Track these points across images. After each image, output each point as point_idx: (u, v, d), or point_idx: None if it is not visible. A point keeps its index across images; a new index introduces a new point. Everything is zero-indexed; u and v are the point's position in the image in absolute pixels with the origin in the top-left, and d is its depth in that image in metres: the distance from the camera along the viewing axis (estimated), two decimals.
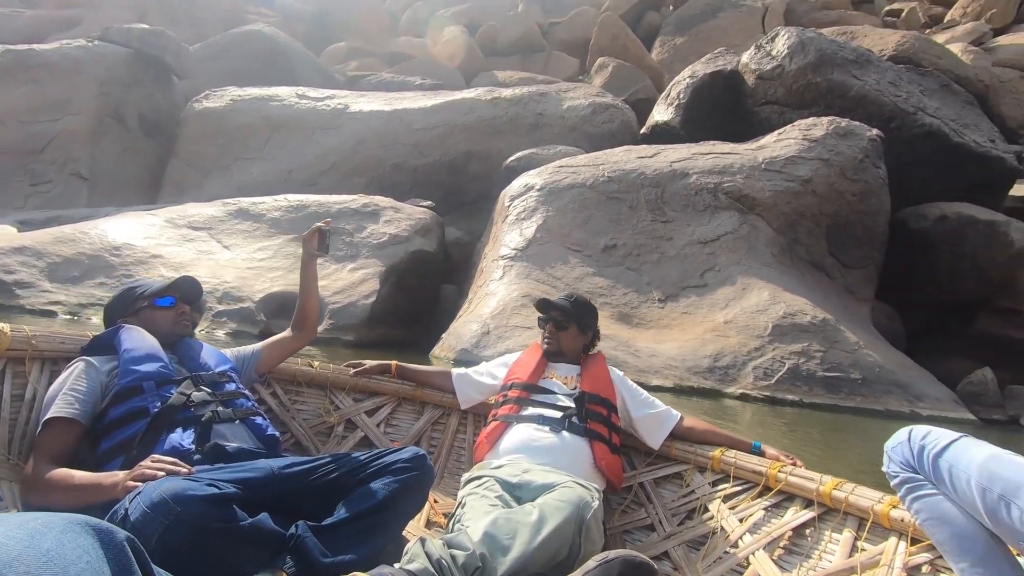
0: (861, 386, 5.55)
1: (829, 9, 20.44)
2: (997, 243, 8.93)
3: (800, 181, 7.68)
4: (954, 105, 10.28)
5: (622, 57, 17.18)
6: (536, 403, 1.82)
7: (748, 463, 1.68)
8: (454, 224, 10.63)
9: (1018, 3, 17.89)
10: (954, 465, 1.07)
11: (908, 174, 9.68)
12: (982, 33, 15.59)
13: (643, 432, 1.90)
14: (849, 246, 8.04)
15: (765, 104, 10.42)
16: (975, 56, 13.66)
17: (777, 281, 6.74)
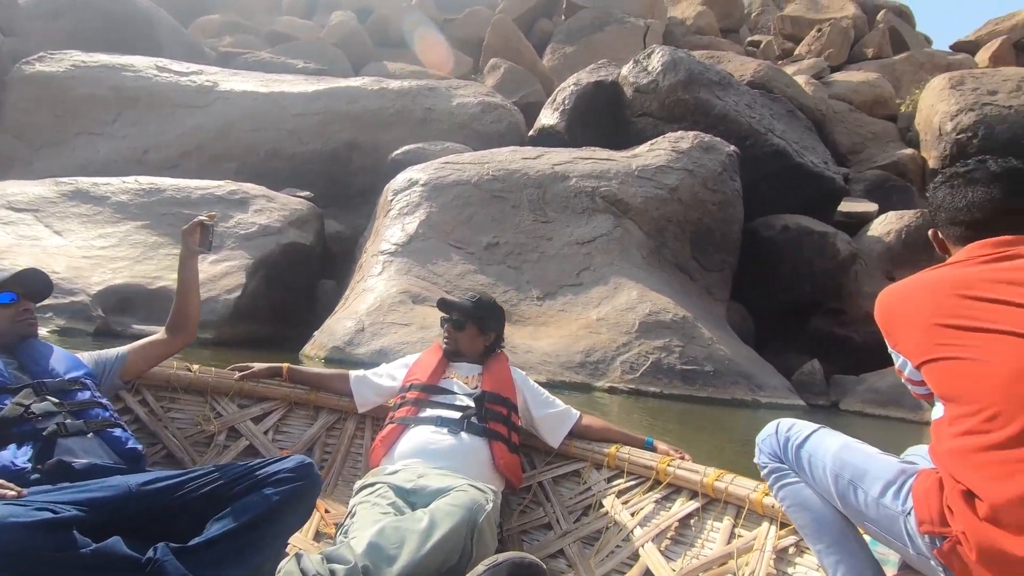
0: (713, 378, 6.09)
1: (702, 34, 22.24)
2: (827, 252, 10.27)
3: (668, 189, 8.26)
4: (797, 129, 11.67)
5: (514, 60, 17.47)
6: (435, 404, 1.79)
7: (640, 459, 1.73)
8: (335, 217, 10.15)
9: (850, 45, 20.75)
10: (813, 455, 1.14)
11: (759, 188, 10.82)
12: (821, 68, 17.86)
13: (543, 431, 1.91)
14: (709, 251, 8.81)
15: (642, 116, 11.12)
16: (815, 88, 15.60)
17: (645, 281, 7.19)
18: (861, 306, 11.04)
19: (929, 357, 1.00)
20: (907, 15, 24.43)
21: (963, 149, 13.28)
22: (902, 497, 0.98)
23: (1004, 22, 24.19)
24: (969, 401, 0.93)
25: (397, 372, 2.02)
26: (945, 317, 1.00)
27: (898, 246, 11.02)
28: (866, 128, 15.86)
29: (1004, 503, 0.84)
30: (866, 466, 1.06)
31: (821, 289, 10.66)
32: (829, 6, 23.54)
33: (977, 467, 0.89)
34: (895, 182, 13.76)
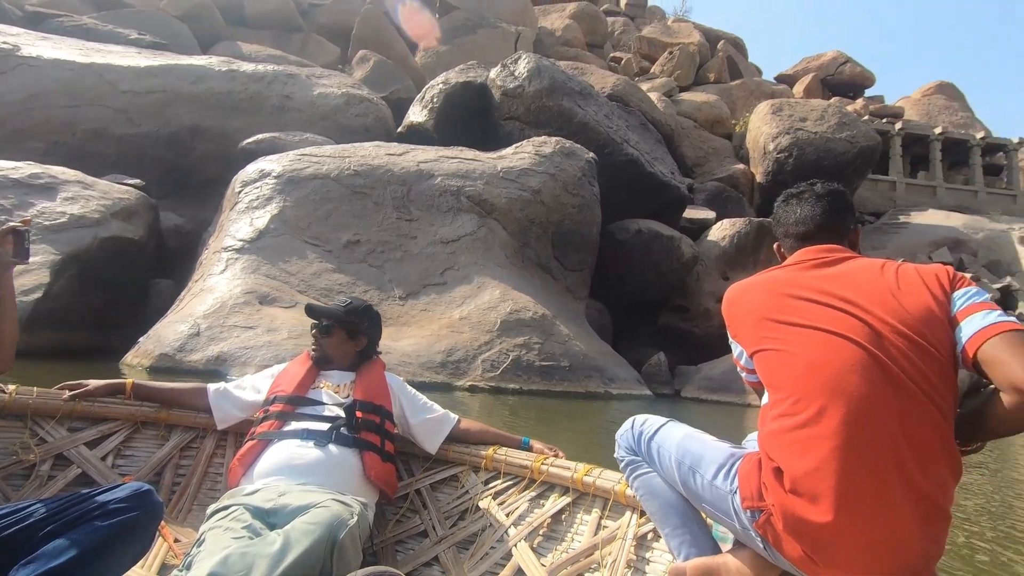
0: (569, 372, 6.37)
1: (569, 46, 23.34)
2: (674, 254, 11.29)
3: (531, 191, 8.52)
4: (649, 141, 12.69)
5: (385, 54, 16.97)
6: (301, 416, 1.66)
7: (516, 459, 1.72)
8: (174, 209, 9.09)
9: (696, 69, 23.06)
10: (661, 446, 1.20)
11: (616, 193, 11.59)
12: (671, 88, 19.63)
13: (421, 438, 1.83)
14: (570, 251, 9.23)
15: (509, 119, 11.37)
16: (666, 105, 17.11)
17: (508, 280, 7.33)
18: (701, 303, 12.33)
19: (758, 348, 1.09)
20: (741, 46, 27.78)
21: (781, 166, 15.40)
22: (730, 478, 1.06)
23: (814, 61, 28.51)
24: (782, 388, 1.02)
25: (262, 384, 1.86)
26: (772, 312, 1.09)
27: (731, 249, 12.47)
28: (707, 144, 17.75)
29: (801, 475, 0.93)
30: (702, 452, 1.13)
31: (668, 287, 11.70)
32: (679, 32, 26.01)
33: (784, 446, 0.97)
34: (730, 193, 15.56)
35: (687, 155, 17.11)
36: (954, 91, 25.14)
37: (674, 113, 17.34)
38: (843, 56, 27.61)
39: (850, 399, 0.93)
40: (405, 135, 11.38)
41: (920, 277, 1.03)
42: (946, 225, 15.18)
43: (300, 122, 10.23)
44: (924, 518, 0.90)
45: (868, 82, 26.91)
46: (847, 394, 0.93)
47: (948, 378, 0.96)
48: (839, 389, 0.94)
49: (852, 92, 25.90)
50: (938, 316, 0.97)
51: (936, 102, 23.94)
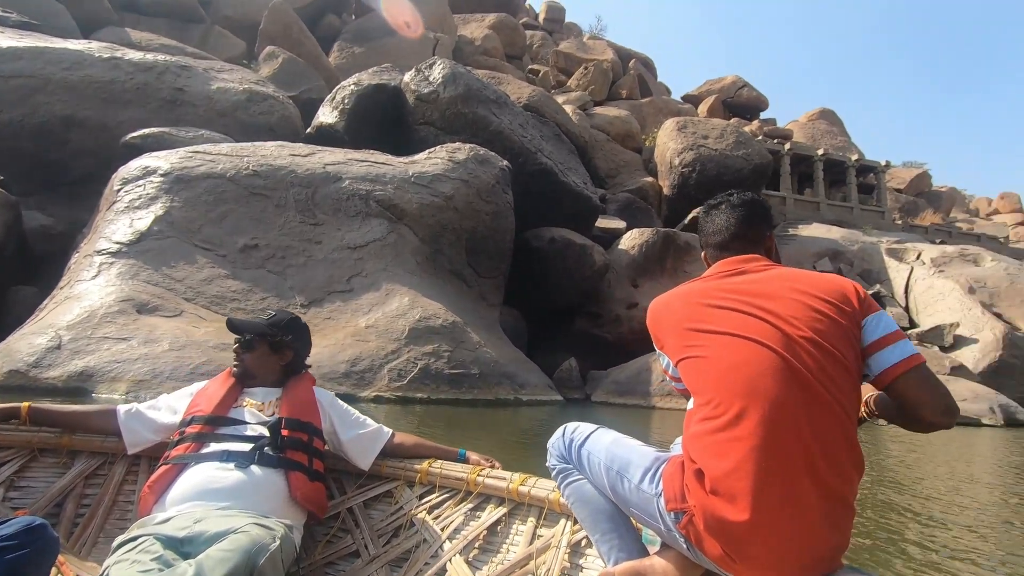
0: (479, 380, 6.31)
1: (488, 56, 23.53)
2: (586, 262, 11.59)
3: (444, 197, 8.42)
4: (562, 151, 12.99)
5: (296, 52, 16.27)
6: (221, 437, 1.57)
7: (452, 471, 1.68)
8: (42, 208, 8.13)
9: (609, 85, 24.01)
10: (591, 452, 1.21)
11: (530, 202, 11.75)
12: (586, 101, 20.29)
13: (353, 454, 1.74)
14: (483, 258, 9.21)
15: (423, 124, 11.22)
16: (580, 118, 17.64)
17: (418, 287, 7.17)
18: (612, 309, 12.75)
19: (681, 356, 1.11)
20: (651, 66, 29.31)
21: (686, 180, 16.34)
22: (655, 481, 1.08)
23: (716, 84, 30.62)
24: (703, 392, 1.04)
25: (179, 403, 1.74)
26: (692, 322, 1.11)
27: (640, 258, 13.01)
28: (619, 157, 18.48)
29: (720, 476, 0.96)
30: (629, 457, 1.15)
31: (582, 294, 11.99)
32: (594, 48, 27.02)
33: (705, 448, 1.00)
34: (639, 204, 16.27)
35: (600, 167, 17.70)
36: (834, 117, 27.89)
37: (588, 126, 17.92)
38: (741, 80, 29.84)
39: (765, 401, 0.97)
40: (314, 136, 10.91)
41: (831, 287, 1.08)
42: (827, 237, 16.71)
43: (195, 118, 9.52)
44: (832, 512, 0.95)
45: (763, 105, 29.24)
46: (762, 396, 0.97)
47: (853, 383, 1.03)
48: (755, 392, 0.98)
49: (749, 114, 28.04)
50: (846, 328, 1.03)
51: (819, 126, 26.42)
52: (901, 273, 14.64)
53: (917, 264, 14.43)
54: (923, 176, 29.67)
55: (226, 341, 5.35)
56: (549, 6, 32.61)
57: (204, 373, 4.78)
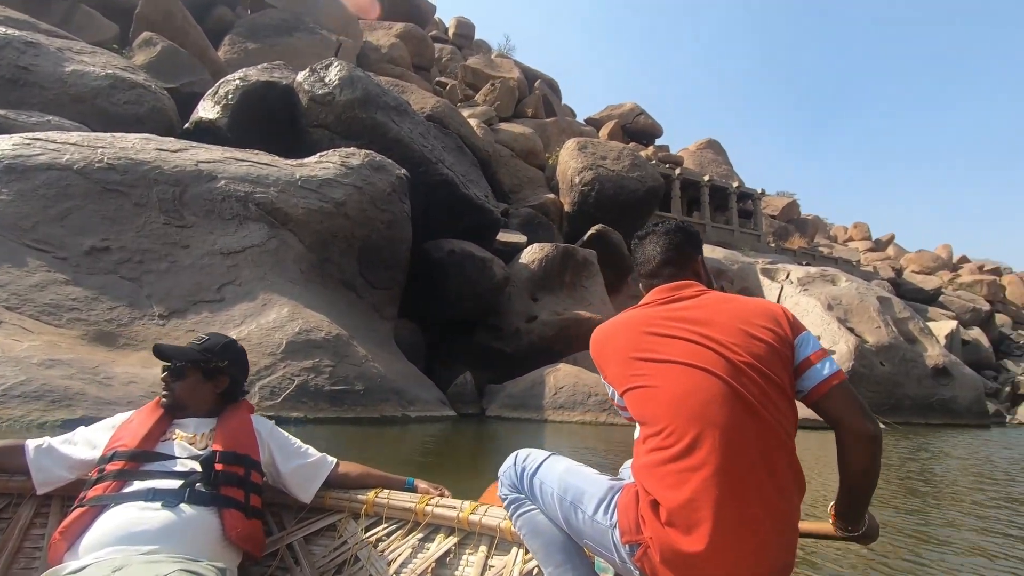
0: (363, 397, 5.94)
1: (395, 64, 23.12)
2: (487, 274, 11.52)
3: (334, 203, 7.98)
4: (464, 163, 12.92)
5: (179, 41, 14.93)
6: (146, 474, 1.42)
7: (399, 501, 1.61)
8: None
9: (515, 103, 24.45)
10: (544, 481, 1.19)
11: (431, 212, 11.54)
12: (491, 117, 20.48)
13: (293, 487, 1.62)
14: (377, 268, 8.83)
15: (318, 127, 10.67)
16: (485, 132, 17.74)
17: (301, 298, 6.69)
18: (512, 322, 12.78)
19: (627, 386, 1.10)
20: (556, 88, 30.33)
21: (585, 198, 16.92)
22: (610, 512, 1.07)
23: (616, 109, 32.29)
24: (652, 422, 1.03)
25: (99, 437, 1.56)
26: (635, 351, 1.11)
27: (540, 272, 13.19)
28: (523, 173, 18.79)
29: (676, 507, 0.96)
30: (583, 487, 1.13)
31: (482, 307, 11.90)
32: (502, 66, 27.47)
33: (659, 478, 0.99)
34: (541, 220, 16.58)
35: (504, 181, 17.87)
36: (719, 147, 30.34)
37: (493, 141, 18.06)
38: (639, 108, 31.68)
39: (716, 429, 0.98)
40: (192, 132, 9.98)
41: (764, 313, 1.12)
42: (712, 257, 18.00)
43: (44, 102, 8.37)
44: (781, 534, 0.98)
45: (657, 132, 31.21)
46: (713, 424, 0.98)
47: (790, 405, 1.06)
48: (706, 420, 0.98)
49: (645, 140, 29.80)
50: (780, 351, 1.07)
51: (706, 155, 28.61)
52: (773, 291, 16.04)
53: (786, 283, 15.89)
54: (793, 204, 33.04)
55: (56, 357, 4.62)
56: (459, 22, 32.83)
57: (20, 395, 4.05)
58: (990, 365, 19.20)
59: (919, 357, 13.47)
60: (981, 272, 30.37)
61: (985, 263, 32.95)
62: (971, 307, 22.84)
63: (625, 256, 16.41)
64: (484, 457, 5.04)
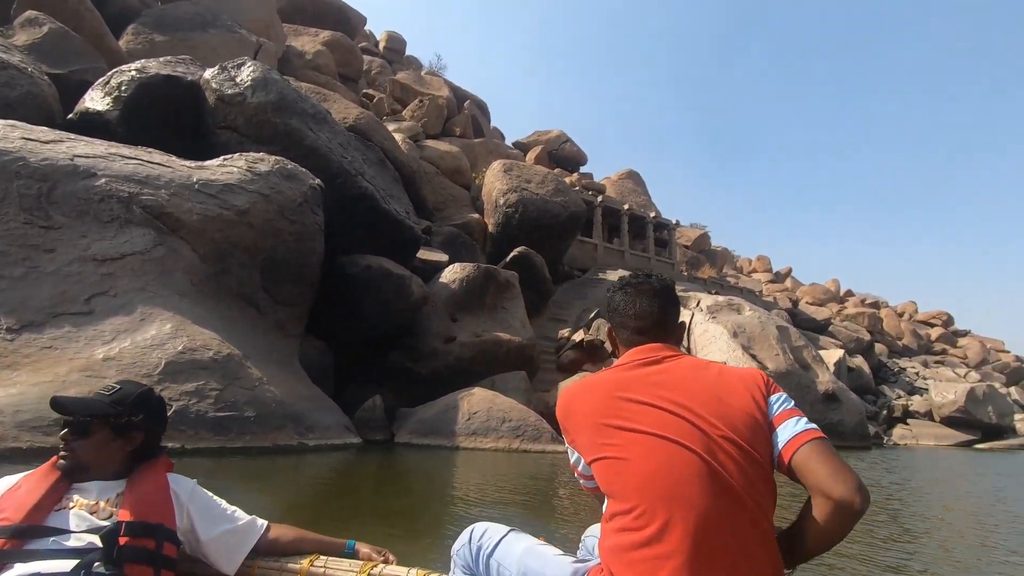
0: (253, 424, 5.40)
1: (320, 72, 22.36)
2: (404, 293, 11.13)
3: (236, 211, 7.37)
4: (386, 178, 12.53)
5: (72, 24, 13.55)
6: (31, 555, 1.18)
7: (338, 570, 1.46)
8: None
9: (444, 121, 24.33)
10: (501, 563, 1.11)
11: (348, 226, 11.03)
12: (417, 132, 20.20)
13: (216, 557, 1.43)
14: (284, 283, 8.23)
15: (225, 128, 9.93)
16: (410, 148, 17.42)
17: (189, 313, 6.04)
18: (429, 343, 12.40)
19: (596, 456, 1.02)
20: (485, 109, 30.58)
21: (509, 219, 16.96)
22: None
23: (544, 135, 33.03)
24: (621, 499, 0.96)
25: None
26: (606, 417, 1.03)
27: (461, 292, 12.95)
28: (448, 191, 18.61)
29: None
30: (544, 571, 1.06)
31: (398, 326, 11.45)
32: (431, 84, 27.33)
33: (630, 564, 0.92)
34: (464, 239, 16.41)
35: (428, 198, 17.58)
36: (638, 178, 31.74)
37: (418, 157, 17.77)
38: (565, 136, 32.59)
39: (690, 511, 0.92)
40: (76, 124, 8.95)
41: (741, 381, 1.06)
42: None
43: None
44: None
45: (582, 160, 32.19)
46: (687, 506, 0.93)
47: (770, 482, 0.99)
48: (679, 501, 0.93)
49: (570, 167, 30.62)
50: (759, 421, 1.01)
51: (626, 184, 29.80)
52: (684, 317, 16.74)
53: (696, 310, 16.64)
54: (704, 236, 35.08)
55: None
56: (390, 36, 32.47)
57: None
58: (870, 390, 21.04)
59: (812, 383, 14.46)
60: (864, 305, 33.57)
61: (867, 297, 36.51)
62: (855, 336, 25.07)
63: (547, 280, 16.57)
64: (388, 495, 4.68)
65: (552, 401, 10.67)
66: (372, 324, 11.01)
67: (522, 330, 13.13)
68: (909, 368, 25.11)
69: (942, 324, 35.54)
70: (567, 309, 17.20)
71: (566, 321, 16.57)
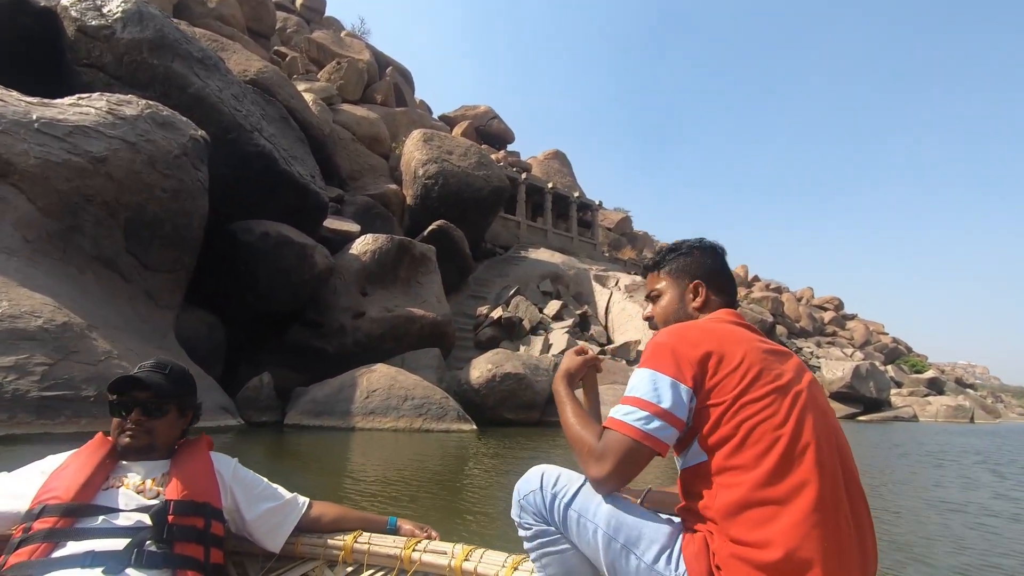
0: (93, 405, 4.57)
1: (225, 23, 20.31)
2: (306, 263, 10.25)
3: (91, 158, 6.29)
4: (289, 138, 11.46)
5: None
6: (84, 533, 1.17)
7: (382, 546, 1.43)
8: None
9: (364, 87, 22.96)
10: (582, 514, 1.02)
11: (242, 188, 9.96)
12: (332, 95, 18.86)
13: (260, 535, 1.42)
14: (156, 246, 7.21)
15: (89, 67, 8.56)
16: (322, 110, 16.18)
17: (18, 273, 5.04)
18: (336, 319, 11.59)
19: (749, 398, 0.94)
20: (409, 78, 29.25)
21: (429, 191, 16.23)
22: (674, 561, 0.94)
23: (471, 110, 32.17)
24: (754, 456, 0.90)
25: (24, 487, 1.23)
26: (761, 364, 0.98)
27: (372, 265, 12.18)
28: (364, 160, 17.54)
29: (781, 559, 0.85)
30: (640, 529, 0.97)
31: (300, 300, 10.57)
32: (352, 46, 25.67)
33: (759, 522, 0.87)
34: (380, 210, 15.53)
35: (342, 166, 16.49)
36: (565, 159, 31.75)
37: (330, 120, 16.56)
38: (492, 112, 31.94)
39: (824, 472, 0.90)
40: None
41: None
42: (551, 261, 18.45)
43: None
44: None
45: (509, 138, 31.72)
46: (822, 466, 0.91)
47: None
48: (816, 462, 0.90)
49: (497, 144, 30.07)
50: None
51: (552, 165, 29.70)
52: (603, 297, 16.84)
53: (615, 289, 16.78)
54: (627, 219, 35.82)
55: None
56: None
57: None
58: None
59: None
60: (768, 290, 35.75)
61: (771, 282, 38.94)
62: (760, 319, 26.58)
63: (466, 255, 16.03)
64: None
65: (465, 379, 10.27)
66: (270, 297, 10.07)
67: (438, 306, 12.60)
68: (805, 348, 27.00)
69: (834, 308, 38.64)
70: (487, 286, 16.82)
71: (486, 298, 16.19)
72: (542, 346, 13.30)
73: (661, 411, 0.95)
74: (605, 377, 12.86)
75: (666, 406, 0.95)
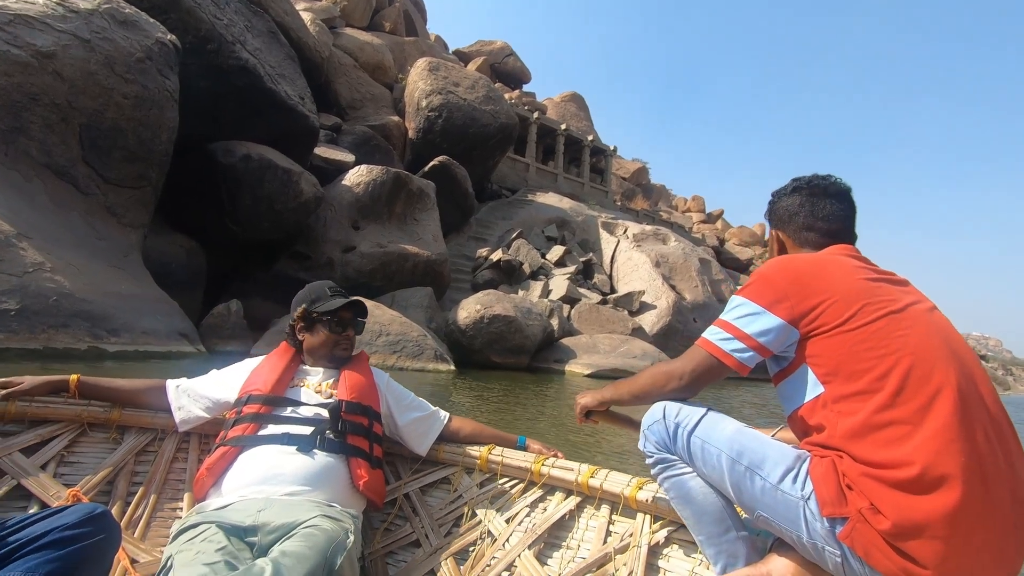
0: (15, 319, 4.14)
1: None
2: (290, 190, 9.66)
3: (35, 53, 5.66)
4: (277, 54, 10.63)
5: None
6: (280, 419, 1.43)
7: (514, 460, 1.57)
8: None
9: (372, 13, 21.62)
10: (706, 441, 1.05)
11: (223, 106, 9.27)
12: (333, 16, 17.69)
13: (409, 439, 1.64)
14: (116, 158, 6.65)
15: None
16: (321, 32, 15.15)
17: None
18: (325, 252, 11.09)
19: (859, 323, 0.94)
20: (422, 7, 27.58)
21: (432, 125, 15.35)
22: (800, 482, 0.95)
23: (487, 46, 30.49)
24: (887, 377, 0.90)
25: (232, 380, 1.57)
26: (867, 290, 0.98)
27: (366, 198, 11.55)
28: (366, 88, 16.58)
29: (916, 475, 0.84)
30: (764, 452, 1.00)
31: (283, 230, 10.03)
32: None
33: (890, 443, 0.88)
34: (380, 142, 14.74)
35: (342, 94, 15.61)
36: (583, 102, 30.24)
37: (330, 43, 15.55)
38: (509, 48, 30.28)
39: (951, 390, 0.88)
40: None
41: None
42: (558, 206, 17.68)
43: None
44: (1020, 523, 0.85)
45: (526, 77, 30.19)
46: (948, 385, 0.89)
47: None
48: (942, 380, 0.89)
49: (512, 84, 28.63)
50: None
51: (568, 108, 28.30)
52: (610, 245, 16.16)
53: (623, 238, 16.06)
54: (643, 170, 34.51)
55: None
56: None
57: None
58: None
59: None
60: None
61: None
62: None
63: (469, 194, 15.30)
64: None
65: (453, 319, 9.83)
66: (252, 224, 9.56)
67: (433, 244, 12.04)
68: None
69: None
70: (490, 228, 16.17)
71: (487, 241, 15.58)
72: (541, 291, 12.78)
73: (743, 335, 1.02)
74: (605, 326, 12.37)
75: (749, 331, 1.01)
